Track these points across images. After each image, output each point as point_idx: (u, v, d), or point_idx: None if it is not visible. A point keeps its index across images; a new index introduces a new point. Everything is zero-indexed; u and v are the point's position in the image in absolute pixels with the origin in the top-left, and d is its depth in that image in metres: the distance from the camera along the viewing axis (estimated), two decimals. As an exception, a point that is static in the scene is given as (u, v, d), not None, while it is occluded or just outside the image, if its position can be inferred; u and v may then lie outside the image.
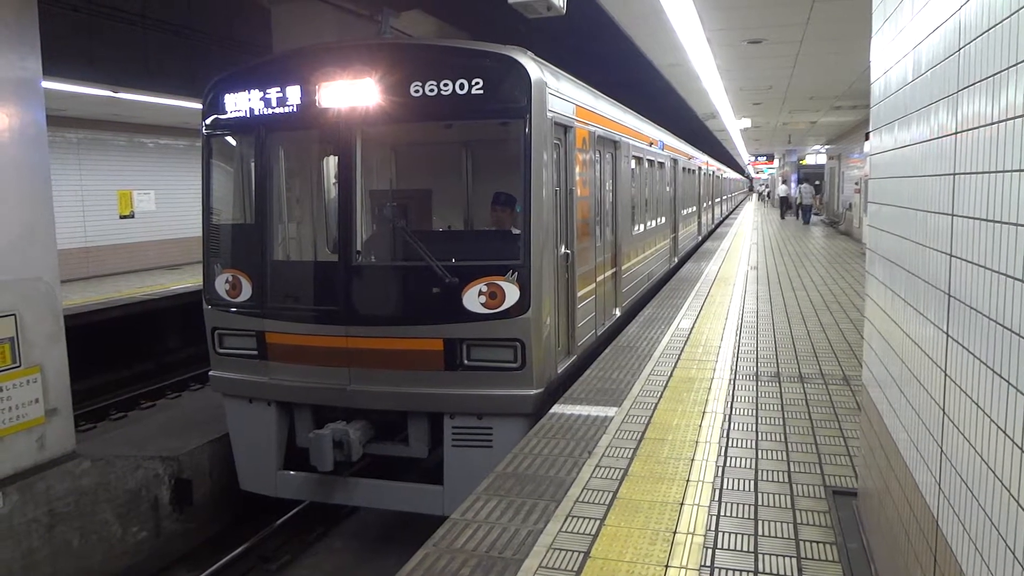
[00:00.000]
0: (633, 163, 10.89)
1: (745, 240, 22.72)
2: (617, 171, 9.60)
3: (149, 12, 11.36)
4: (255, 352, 6.50)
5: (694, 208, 20.96)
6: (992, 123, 1.85)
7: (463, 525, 3.93)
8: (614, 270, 9.42)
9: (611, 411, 5.77)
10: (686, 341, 8.23)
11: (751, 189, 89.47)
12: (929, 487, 2.40)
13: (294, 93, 6.32)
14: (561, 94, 6.71)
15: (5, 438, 5.70)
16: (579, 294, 7.28)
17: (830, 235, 24.95)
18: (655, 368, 7.06)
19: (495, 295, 5.84)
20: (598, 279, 8.24)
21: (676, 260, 16.23)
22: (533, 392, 5.94)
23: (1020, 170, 1.66)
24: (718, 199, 33.28)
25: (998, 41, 1.81)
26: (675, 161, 16.12)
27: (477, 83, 5.86)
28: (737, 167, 60.83)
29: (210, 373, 6.87)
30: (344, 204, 6.24)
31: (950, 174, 2.23)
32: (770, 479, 4.48)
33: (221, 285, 6.66)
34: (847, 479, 4.46)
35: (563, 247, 6.80)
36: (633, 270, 10.75)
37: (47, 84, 6.28)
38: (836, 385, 6.50)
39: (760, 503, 4.15)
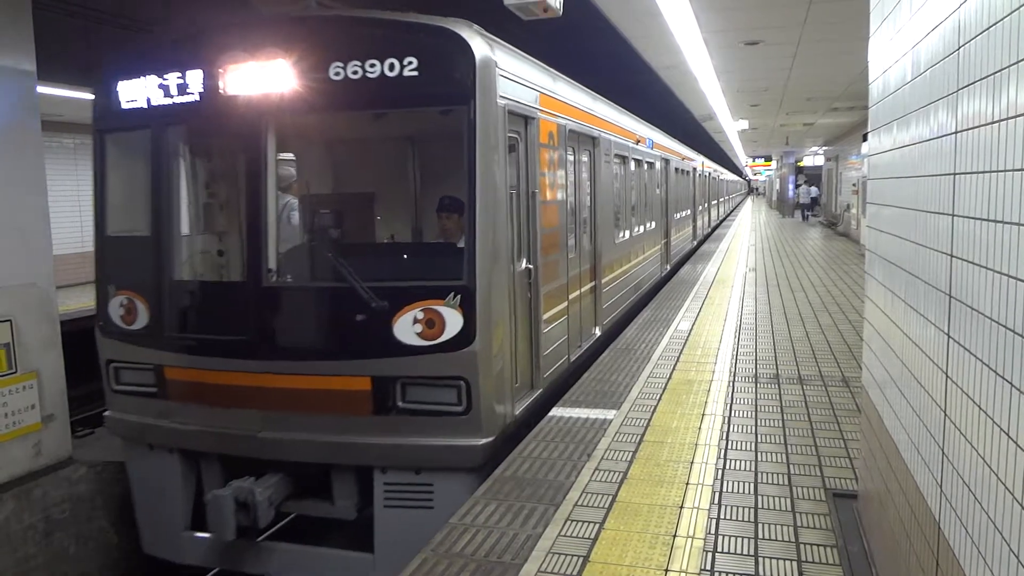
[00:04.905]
0: (616, 163, 9.93)
1: (743, 242, 22.73)
2: (596, 171, 8.57)
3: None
4: (154, 389, 5.56)
5: (688, 211, 19.99)
6: (993, 122, 1.83)
7: (461, 529, 3.90)
8: (592, 284, 8.37)
9: (610, 414, 5.74)
10: (685, 343, 8.22)
11: (750, 190, 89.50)
12: (930, 489, 2.38)
13: (195, 79, 5.33)
14: (518, 78, 5.71)
15: (1, 444, 5.67)
16: (545, 316, 6.24)
17: (828, 236, 24.97)
18: (654, 370, 7.05)
19: (432, 323, 4.86)
20: (571, 296, 7.22)
21: (668, 267, 15.36)
22: (481, 442, 4.90)
23: (1021, 169, 1.64)
24: (715, 201, 32.90)
25: (998, 39, 1.79)
26: (667, 161, 15.23)
27: (410, 63, 4.90)
28: (735, 168, 60.89)
29: (105, 414, 5.94)
30: (252, 212, 5.25)
31: (950, 174, 2.22)
32: (770, 482, 4.46)
33: (115, 309, 5.70)
34: (847, 481, 4.44)
35: (524, 261, 5.82)
36: (617, 282, 9.73)
37: (44, 89, 6.24)
38: (835, 387, 6.48)
39: (760, 506, 4.13)
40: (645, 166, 12.54)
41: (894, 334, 3.03)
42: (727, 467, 4.68)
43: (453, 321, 4.83)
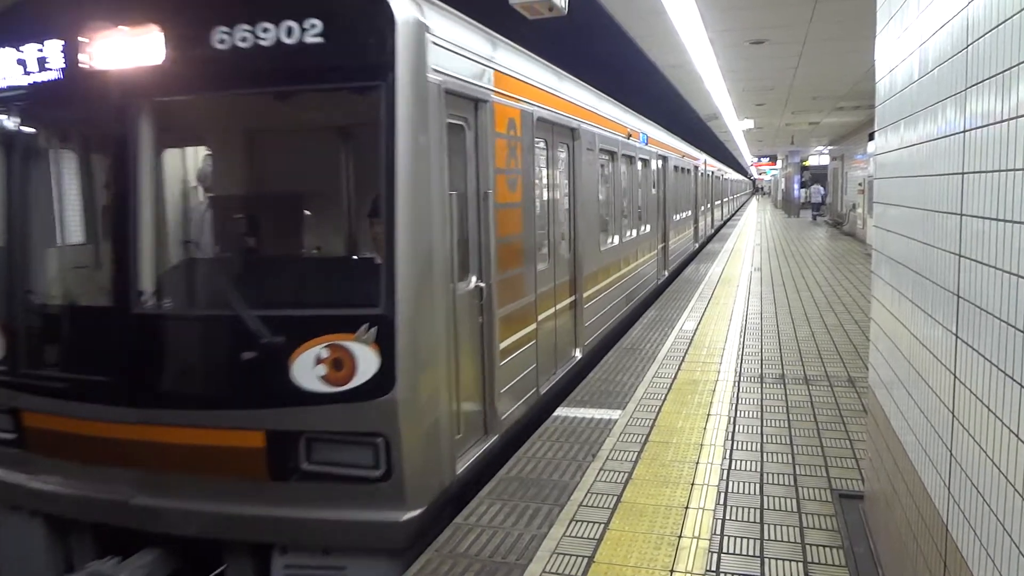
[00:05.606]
0: (603, 159, 8.91)
1: (748, 242, 22.70)
2: (575, 168, 7.40)
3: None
4: (12, 437, 4.51)
5: (689, 212, 18.76)
6: (1002, 120, 1.82)
7: (466, 530, 3.90)
8: (572, 299, 7.23)
9: (615, 414, 5.74)
10: (690, 343, 8.20)
11: (755, 190, 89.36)
12: (938, 490, 2.36)
13: (53, 52, 4.26)
14: (462, 49, 4.60)
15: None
16: (503, 344, 5.16)
17: (834, 236, 24.93)
18: (659, 370, 7.04)
19: (340, 364, 3.80)
20: (542, 316, 6.15)
21: (667, 273, 14.38)
22: (405, 516, 3.83)
23: (1031, 168, 1.63)
24: (718, 201, 31.89)
25: (1007, 37, 1.78)
26: (664, 159, 14.07)
27: (312, 26, 3.84)
28: (740, 168, 60.84)
29: None
30: (118, 217, 4.24)
31: (958, 173, 2.21)
32: (775, 482, 4.45)
33: None
34: (853, 482, 4.43)
35: (472, 279, 4.79)
36: (603, 295, 8.60)
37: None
38: (841, 387, 6.46)
39: (765, 506, 4.11)
40: (639, 164, 11.40)
41: (901, 334, 3.01)
42: (732, 468, 4.67)
43: (367, 361, 3.79)
